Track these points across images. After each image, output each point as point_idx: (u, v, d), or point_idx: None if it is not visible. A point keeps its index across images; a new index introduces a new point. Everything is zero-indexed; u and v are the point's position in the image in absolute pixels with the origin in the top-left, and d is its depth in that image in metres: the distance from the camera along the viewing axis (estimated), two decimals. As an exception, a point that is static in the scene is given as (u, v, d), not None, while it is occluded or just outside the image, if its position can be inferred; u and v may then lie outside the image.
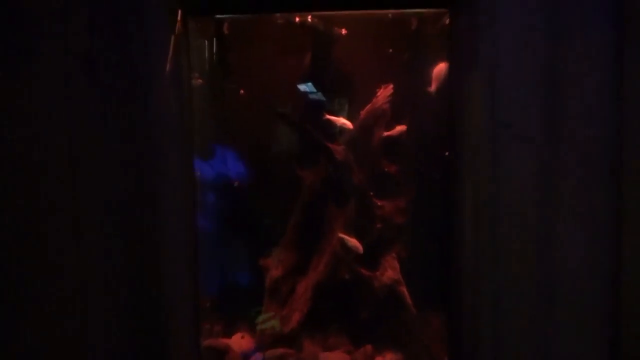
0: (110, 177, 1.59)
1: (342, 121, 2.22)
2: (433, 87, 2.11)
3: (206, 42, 2.28)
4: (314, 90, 2.26)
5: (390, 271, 2.20)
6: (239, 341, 2.18)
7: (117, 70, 1.61)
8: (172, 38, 1.75)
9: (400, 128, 2.26)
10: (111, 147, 1.61)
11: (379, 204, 2.26)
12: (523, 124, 1.61)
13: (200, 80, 2.14)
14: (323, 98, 2.27)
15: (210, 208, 2.31)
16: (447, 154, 1.92)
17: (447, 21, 1.89)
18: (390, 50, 2.26)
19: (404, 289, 2.18)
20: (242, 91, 2.24)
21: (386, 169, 2.29)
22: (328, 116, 2.21)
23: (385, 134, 2.25)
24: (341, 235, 2.19)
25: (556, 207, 1.62)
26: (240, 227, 2.37)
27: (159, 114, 1.69)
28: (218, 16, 2.13)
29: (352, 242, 2.17)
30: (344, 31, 2.22)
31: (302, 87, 2.25)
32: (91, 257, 1.57)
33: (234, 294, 2.34)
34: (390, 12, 2.10)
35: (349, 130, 2.22)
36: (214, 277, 2.31)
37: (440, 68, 2.07)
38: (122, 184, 1.62)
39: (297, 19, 2.16)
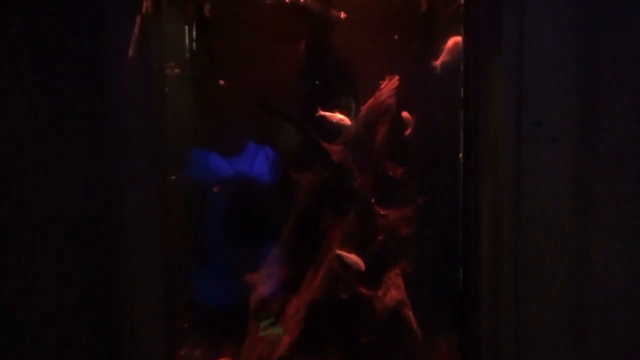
0: (61, 183, 1.44)
1: (339, 117, 2.00)
2: (440, 60, 1.89)
3: (186, 27, 2.05)
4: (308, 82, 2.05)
5: (393, 291, 2.00)
6: (220, 369, 1.97)
7: (69, 57, 1.45)
8: (139, 19, 1.53)
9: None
10: (62, 147, 1.45)
11: (382, 212, 2.08)
12: (554, 122, 1.46)
13: (177, 70, 1.91)
14: (317, 91, 2.05)
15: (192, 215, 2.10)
16: (460, 155, 1.76)
17: (462, 0, 1.71)
18: (396, 37, 2.05)
19: (409, 312, 1.99)
20: (222, 82, 2.01)
21: (391, 173, 2.11)
22: (322, 112, 1.98)
23: (407, 132, 2.03)
24: (339, 252, 1.98)
25: (591, 219, 1.46)
26: (226, 237, 2.17)
27: (121, 108, 1.50)
28: (196, -5, 1.92)
29: (352, 258, 1.97)
30: (343, 15, 2.03)
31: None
32: (40, 277, 1.45)
33: (217, 313, 2.12)
34: (396, -8, 1.94)
35: (347, 127, 2.00)
36: (195, 293, 2.09)
37: (456, 41, 1.86)
38: (76, 191, 1.46)
39: (288, 0, 1.96)
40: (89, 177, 1.46)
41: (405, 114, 2.03)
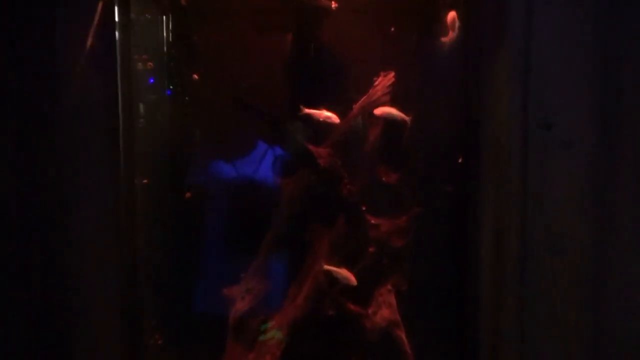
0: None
1: (326, 115, 1.82)
2: (448, 37, 1.69)
3: (164, 17, 1.90)
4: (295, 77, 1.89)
5: (385, 309, 1.84)
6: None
7: (15, 47, 1.32)
8: (100, 6, 1.39)
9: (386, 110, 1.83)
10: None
11: (373, 222, 1.91)
12: (567, 124, 1.30)
13: (150, 64, 1.76)
14: (304, 88, 1.89)
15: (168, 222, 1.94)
16: (460, 160, 1.64)
17: (464, -13, 1.55)
18: (392, 29, 1.89)
19: (401, 333, 1.82)
20: (195, 76, 1.85)
21: (384, 179, 1.93)
22: (307, 110, 1.80)
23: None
24: (327, 267, 1.82)
25: (611, 236, 1.30)
26: (203, 248, 2.01)
27: (76, 106, 1.36)
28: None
29: (342, 273, 1.80)
30: (333, 4, 1.86)
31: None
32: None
33: (196, 329, 1.97)
34: (392, -19, 1.80)
35: (336, 127, 1.82)
36: (169, 307, 1.94)
37: (453, 15, 1.71)
38: (16, 204, 1.32)
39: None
40: (36, 181, 1.32)
41: (378, 111, 1.82)
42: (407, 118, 1.83)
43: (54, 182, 1.34)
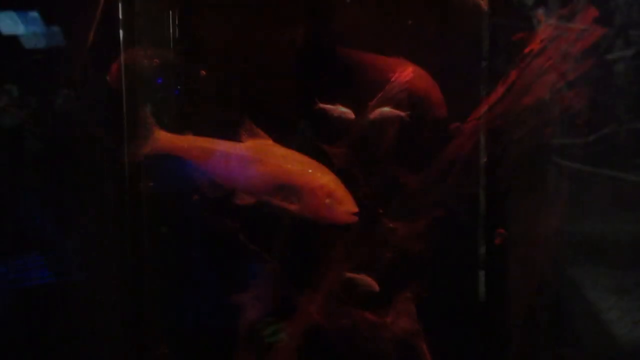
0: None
1: (341, 110, 1.73)
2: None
3: (169, 11, 1.84)
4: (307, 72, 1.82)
5: (404, 318, 1.75)
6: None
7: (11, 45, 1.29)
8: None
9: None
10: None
11: (390, 226, 1.82)
12: (604, 122, 1.22)
13: (157, 61, 1.70)
14: (318, 84, 1.80)
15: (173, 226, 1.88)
16: (485, 161, 1.54)
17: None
18: (410, 22, 1.81)
19: (422, 344, 1.73)
20: (203, 72, 1.79)
21: (402, 180, 1.84)
22: (322, 104, 1.72)
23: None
24: (350, 275, 1.74)
25: None
26: (212, 252, 1.94)
27: (75, 106, 1.29)
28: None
29: (364, 280, 1.73)
30: None
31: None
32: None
33: (204, 338, 1.90)
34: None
35: (351, 123, 1.74)
36: (177, 316, 1.88)
37: None
38: (15, 207, 1.29)
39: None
40: (35, 183, 1.27)
41: (372, 115, 1.72)
42: (402, 114, 1.75)
43: (55, 183, 1.30)
